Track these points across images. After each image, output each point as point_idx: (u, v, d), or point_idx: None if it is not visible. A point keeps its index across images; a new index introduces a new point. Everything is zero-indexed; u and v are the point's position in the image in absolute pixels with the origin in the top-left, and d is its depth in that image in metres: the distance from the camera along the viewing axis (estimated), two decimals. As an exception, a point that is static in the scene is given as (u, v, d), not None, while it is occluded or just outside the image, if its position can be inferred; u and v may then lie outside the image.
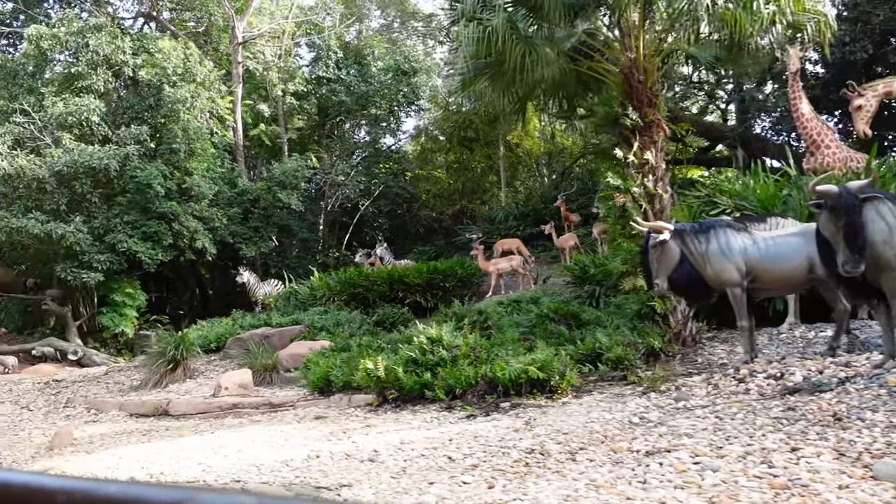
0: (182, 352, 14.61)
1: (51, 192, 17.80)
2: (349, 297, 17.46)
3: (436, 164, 27.63)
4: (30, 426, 12.65)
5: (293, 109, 25.28)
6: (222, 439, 8.05)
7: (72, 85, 19.95)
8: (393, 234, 29.52)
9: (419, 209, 29.35)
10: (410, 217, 29.70)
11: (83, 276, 17.66)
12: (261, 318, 17.82)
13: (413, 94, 25.18)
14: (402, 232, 29.46)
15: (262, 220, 22.04)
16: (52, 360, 18.41)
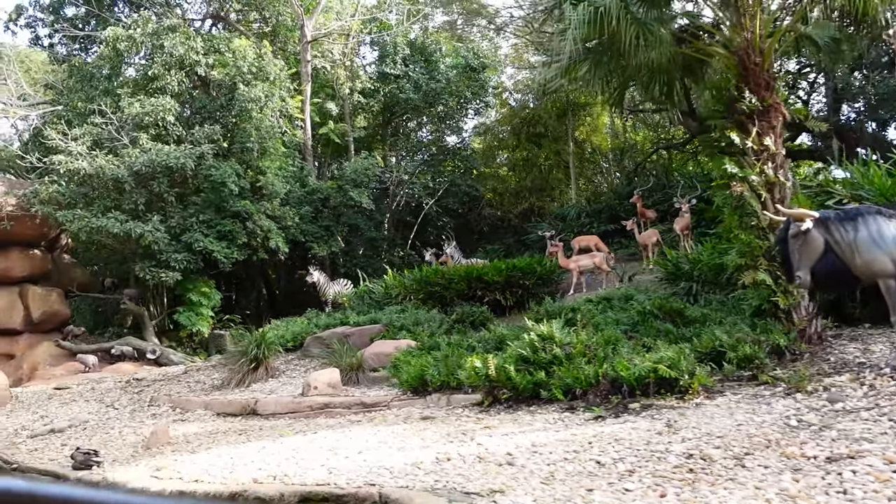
0: (263, 351, 14.45)
1: (129, 192, 17.89)
2: (426, 296, 17.13)
3: (501, 162, 27.16)
4: (118, 424, 12.60)
5: (359, 107, 25.10)
6: (330, 440, 7.74)
7: (147, 86, 20.07)
8: (457, 233, 29.16)
9: (483, 208, 28.94)
10: (474, 216, 29.32)
11: (161, 275, 17.69)
12: (336, 318, 17.61)
13: (481, 90, 24.77)
14: (465, 231, 29.06)
15: (333, 219, 21.88)
16: (130, 358, 18.51)
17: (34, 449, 11.28)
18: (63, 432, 12.52)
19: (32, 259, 19.58)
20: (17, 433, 12.98)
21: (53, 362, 18.51)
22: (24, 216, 18.46)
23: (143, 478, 6.79)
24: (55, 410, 14.44)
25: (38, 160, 18.61)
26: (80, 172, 17.51)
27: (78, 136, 18.44)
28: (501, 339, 11.90)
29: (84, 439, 11.64)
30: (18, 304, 19.17)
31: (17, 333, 19.14)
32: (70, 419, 13.26)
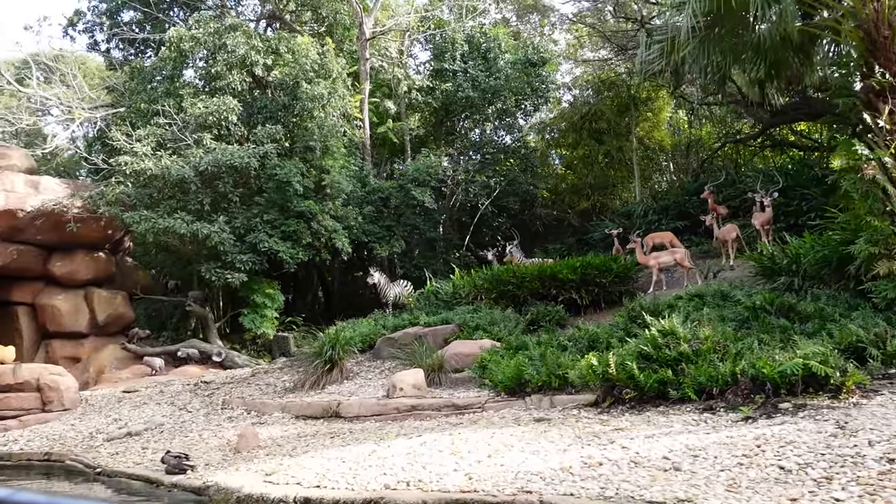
0: (339, 352, 14.04)
1: (195, 192, 17.66)
2: (498, 295, 16.58)
3: (559, 160, 26.51)
4: (196, 427, 12.27)
5: (416, 106, 24.69)
6: (442, 443, 7.21)
7: (209, 86, 19.89)
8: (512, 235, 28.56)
9: (537, 207, 28.28)
10: (529, 216, 28.69)
11: (227, 276, 17.42)
12: (404, 319, 17.15)
13: (541, 85, 24.17)
14: (521, 231, 28.45)
15: (394, 220, 21.46)
16: (195, 361, 18.27)
17: (115, 453, 10.99)
18: (140, 435, 12.25)
19: (97, 261, 19.48)
20: (93, 436, 12.74)
21: (119, 365, 18.36)
22: (90, 218, 18.36)
23: (255, 483, 6.34)
24: (128, 413, 14.21)
25: (103, 162, 18.51)
26: (146, 173, 17.32)
27: (142, 136, 18.28)
28: (594, 337, 11.31)
29: (163, 442, 11.33)
30: (84, 306, 19.07)
31: (83, 336, 19.04)
32: (145, 422, 12.98)
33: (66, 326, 18.78)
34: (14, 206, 17.57)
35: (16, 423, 14.68)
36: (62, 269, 18.96)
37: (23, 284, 19.09)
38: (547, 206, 28.32)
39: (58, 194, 18.26)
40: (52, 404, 15.11)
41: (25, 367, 15.34)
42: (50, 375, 15.34)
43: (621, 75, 24.30)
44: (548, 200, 28.27)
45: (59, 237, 18.52)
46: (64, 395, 15.25)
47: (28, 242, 18.32)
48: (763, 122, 21.67)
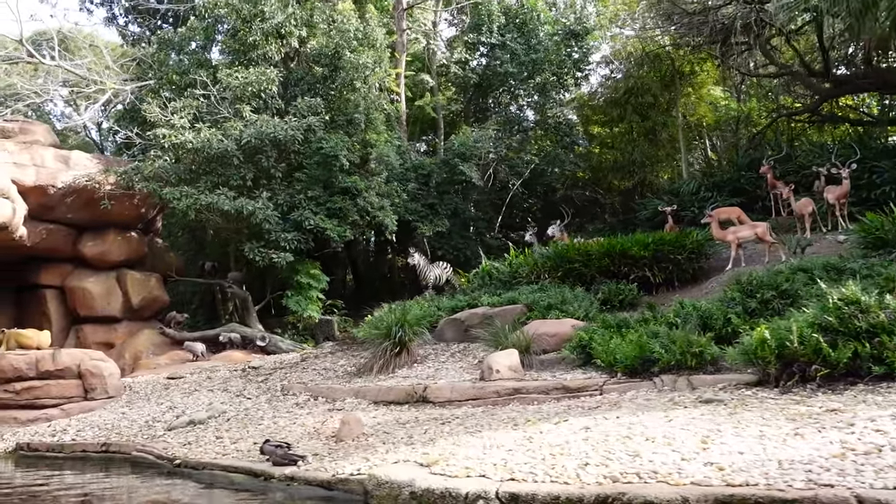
0: (408, 333, 13.07)
1: (237, 167, 16.60)
2: (564, 274, 15.64)
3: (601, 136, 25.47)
4: (266, 415, 11.29)
5: (452, 80, 23.60)
6: (604, 428, 6.26)
7: (245, 56, 18.79)
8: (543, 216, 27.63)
9: (571, 187, 27.28)
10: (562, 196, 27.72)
11: (273, 256, 16.40)
12: (461, 299, 16.17)
13: (584, 57, 23.14)
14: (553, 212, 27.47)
15: (437, 198, 20.44)
16: (237, 346, 17.29)
17: (186, 443, 10.02)
18: (204, 424, 11.28)
19: (129, 242, 18.40)
20: (149, 425, 11.77)
21: (156, 351, 17.35)
22: (123, 196, 17.27)
23: (423, 476, 5.39)
24: (180, 401, 13.23)
25: (137, 136, 17.40)
26: (185, 146, 16.24)
27: (177, 109, 17.18)
28: (706, 314, 10.35)
29: (236, 431, 10.37)
30: (116, 289, 18.01)
31: (116, 321, 17.99)
32: (206, 410, 11.98)
33: (98, 310, 17.73)
34: (45, 182, 16.47)
35: (58, 412, 13.69)
36: (93, 249, 17.88)
37: (51, 266, 18.01)
38: (581, 186, 27.33)
39: (89, 170, 17.15)
40: (95, 392, 14.12)
41: (65, 353, 14.34)
42: (92, 361, 14.34)
43: (665, 47, 23.30)
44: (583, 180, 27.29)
45: (91, 216, 17.44)
46: (107, 381, 14.27)
47: (58, 221, 17.22)
48: (821, 93, 20.74)
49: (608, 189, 26.30)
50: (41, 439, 11.93)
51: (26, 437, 12.23)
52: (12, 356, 14.17)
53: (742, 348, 7.38)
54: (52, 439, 11.86)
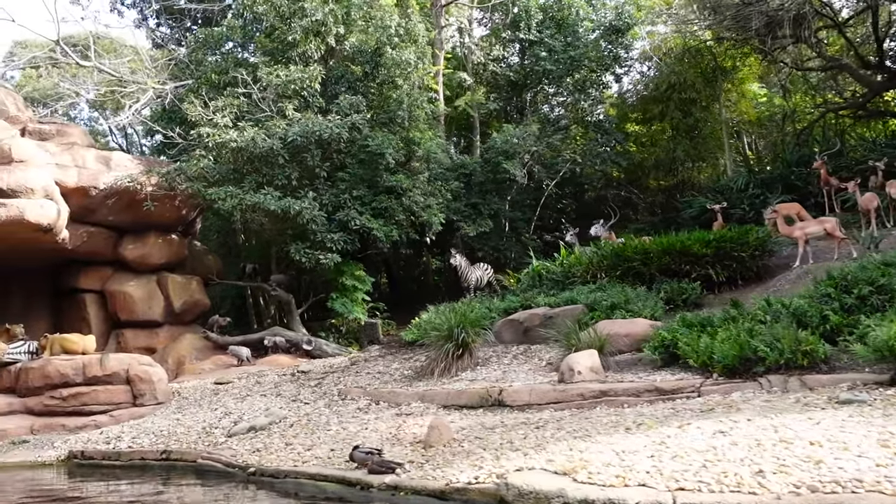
0: (470, 335, 12.59)
1: (282, 166, 16.18)
2: (622, 273, 15.14)
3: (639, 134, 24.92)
4: (331, 420, 10.83)
5: (490, 79, 23.14)
6: (747, 431, 5.76)
7: (284, 54, 18.41)
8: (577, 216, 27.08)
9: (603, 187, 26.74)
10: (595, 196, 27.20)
11: (320, 257, 15.96)
12: (513, 300, 15.71)
13: (625, 53, 22.61)
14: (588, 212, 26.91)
15: (480, 197, 19.96)
16: (283, 350, 16.84)
17: (254, 449, 9.56)
18: (267, 430, 10.83)
19: (170, 244, 18.00)
20: (207, 432, 11.33)
21: (199, 355, 16.95)
22: (164, 197, 16.89)
23: (564, 484, 4.89)
24: (235, 406, 12.79)
25: (179, 136, 17.03)
26: (229, 145, 15.84)
27: (219, 107, 16.81)
28: (799, 310, 9.80)
29: (305, 437, 9.91)
30: (158, 293, 17.61)
31: (157, 325, 17.58)
32: (265, 415, 11.53)
33: (139, 315, 17.34)
34: (87, 184, 16.10)
35: (107, 419, 13.31)
36: (134, 252, 17.50)
37: (91, 270, 17.65)
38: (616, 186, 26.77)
39: (130, 171, 16.77)
40: (144, 397, 13.73)
41: (114, 358, 13.95)
42: (140, 366, 13.95)
43: (706, 42, 22.77)
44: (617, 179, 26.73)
45: (132, 218, 17.07)
46: (156, 387, 13.87)
47: (99, 224, 16.86)
48: (873, 86, 20.15)
49: (643, 188, 25.73)
50: (95, 447, 11.52)
51: (78, 445, 11.83)
52: (58, 361, 13.81)
53: (874, 345, 6.84)
54: (107, 447, 11.44)
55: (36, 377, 13.70)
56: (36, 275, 17.83)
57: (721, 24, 21.14)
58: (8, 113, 18.27)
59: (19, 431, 13.08)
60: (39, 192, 14.29)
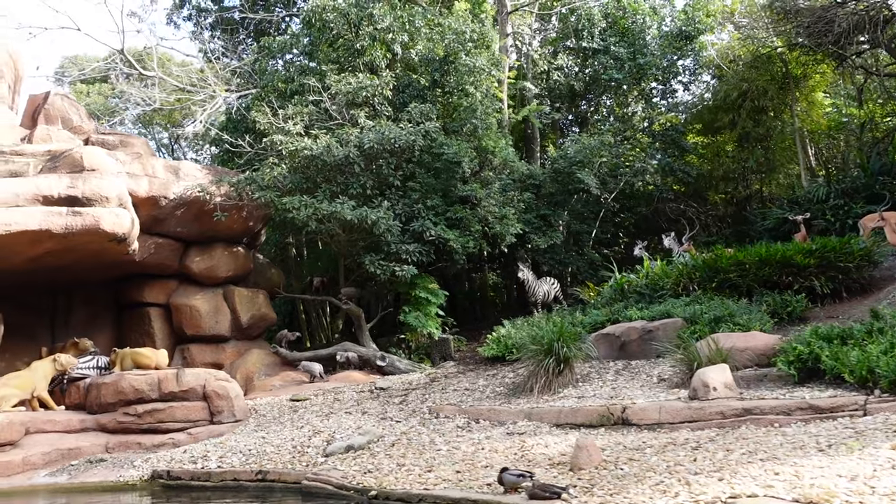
0: (571, 349, 11.88)
1: (357, 175, 15.63)
2: (718, 285, 14.38)
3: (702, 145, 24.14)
4: (434, 440, 10.13)
5: (553, 88, 22.53)
6: None
7: (350, 62, 17.96)
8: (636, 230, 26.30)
9: (659, 202, 25.90)
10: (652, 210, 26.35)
11: (396, 269, 15.35)
12: (599, 314, 15.02)
13: (695, 60, 21.92)
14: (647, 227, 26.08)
15: (550, 208, 19.28)
16: (355, 366, 16.20)
17: (366, 470, 8.88)
18: (366, 449, 10.17)
19: (236, 257, 17.46)
20: (300, 451, 10.67)
21: (268, 371, 16.36)
22: (232, 207, 16.38)
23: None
24: (321, 424, 12.13)
25: (249, 145, 16.58)
26: (304, 153, 15.33)
27: (289, 115, 16.35)
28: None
29: (413, 456, 9.25)
30: (224, 307, 17.05)
31: (224, 340, 17.00)
32: (359, 434, 10.85)
33: (205, 329, 16.79)
34: (158, 193, 15.63)
35: (185, 437, 12.67)
36: (201, 265, 16.98)
37: (155, 283, 17.14)
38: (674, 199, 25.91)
39: (199, 180, 16.29)
40: (222, 415, 13.10)
41: (190, 373, 13.35)
42: (217, 381, 13.34)
43: (777, 48, 22.03)
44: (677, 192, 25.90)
45: (200, 229, 16.59)
46: (234, 403, 13.25)
47: (166, 235, 16.37)
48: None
49: (701, 201, 24.83)
50: (182, 466, 10.88)
51: (162, 464, 11.20)
52: (132, 376, 13.24)
53: None
54: (194, 466, 10.80)
55: (109, 393, 13.13)
56: (98, 288, 17.39)
57: (796, 30, 20.45)
58: (72, 123, 18.02)
59: (94, 450, 12.47)
60: (114, 201, 13.82)
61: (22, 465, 11.57)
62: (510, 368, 14.17)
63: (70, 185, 13.42)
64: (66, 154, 14.54)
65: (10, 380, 13.21)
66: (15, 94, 18.37)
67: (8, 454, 11.67)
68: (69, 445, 12.34)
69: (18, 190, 13.00)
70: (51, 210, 13.15)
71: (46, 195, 13.20)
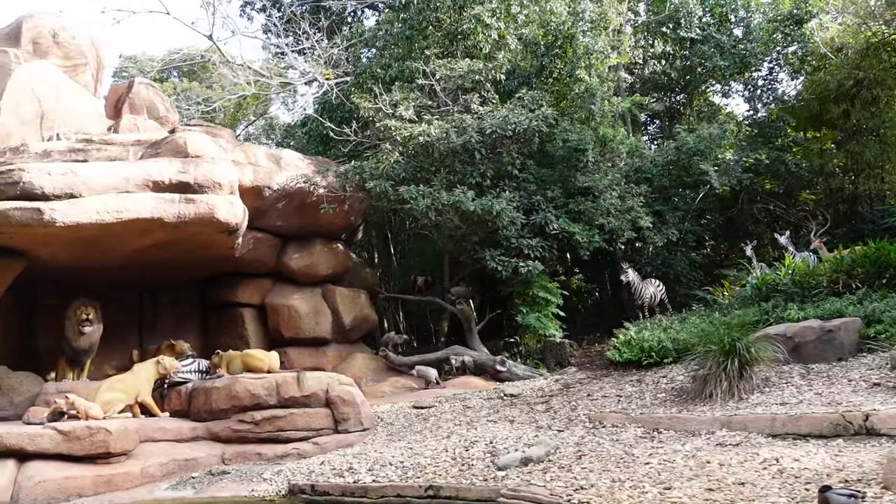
0: (754, 351, 10.52)
1: (476, 163, 14.40)
2: (888, 280, 12.98)
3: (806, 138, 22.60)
4: (624, 451, 8.80)
5: (651, 77, 21.21)
6: None
7: (450, 48, 16.81)
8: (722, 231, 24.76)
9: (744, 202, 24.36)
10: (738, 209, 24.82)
11: (520, 266, 14.07)
12: (743, 315, 13.61)
13: (804, 46, 20.50)
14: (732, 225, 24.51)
15: (663, 203, 17.93)
16: (471, 371, 14.91)
17: (575, 487, 7.61)
18: (549, 462, 8.90)
19: (335, 254, 16.24)
20: (465, 463, 9.35)
21: (375, 377, 15.10)
22: (335, 199, 15.18)
23: None
24: (470, 434, 10.84)
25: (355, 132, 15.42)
26: (419, 140, 14.14)
27: (395, 101, 15.19)
28: None
29: (619, 472, 7.94)
30: (324, 307, 15.81)
31: (324, 343, 15.74)
32: (535, 445, 9.51)
33: (305, 331, 15.56)
34: (261, 183, 14.47)
35: (310, 447, 11.40)
36: (299, 262, 15.78)
37: (249, 282, 15.96)
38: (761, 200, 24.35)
39: (301, 170, 15.12)
40: (348, 423, 11.84)
41: (311, 376, 12.12)
42: (341, 386, 12.10)
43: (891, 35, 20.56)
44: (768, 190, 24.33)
45: (300, 223, 15.43)
46: (360, 410, 12.01)
47: (265, 229, 15.18)
48: None
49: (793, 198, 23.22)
50: (328, 480, 9.60)
51: (299, 477, 9.92)
52: (247, 380, 12.02)
53: None
54: (342, 480, 9.52)
55: (221, 398, 11.91)
56: (184, 288, 16.29)
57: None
58: (158, 112, 17.05)
59: (210, 461, 11.24)
60: (226, 188, 12.66)
61: (141, 478, 10.36)
62: (656, 373, 12.87)
63: (181, 169, 12.27)
64: (169, 140, 13.43)
65: (115, 383, 12.02)
66: (97, 83, 17.39)
67: (125, 465, 10.46)
68: (185, 456, 11.12)
69: (129, 174, 11.87)
70: (162, 197, 12.01)
71: (157, 181, 12.05)
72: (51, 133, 14.59)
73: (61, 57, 16.19)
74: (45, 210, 10.88)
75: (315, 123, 17.91)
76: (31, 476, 9.67)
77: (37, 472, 9.76)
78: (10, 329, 13.70)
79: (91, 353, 13.29)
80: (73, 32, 16.61)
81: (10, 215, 10.76)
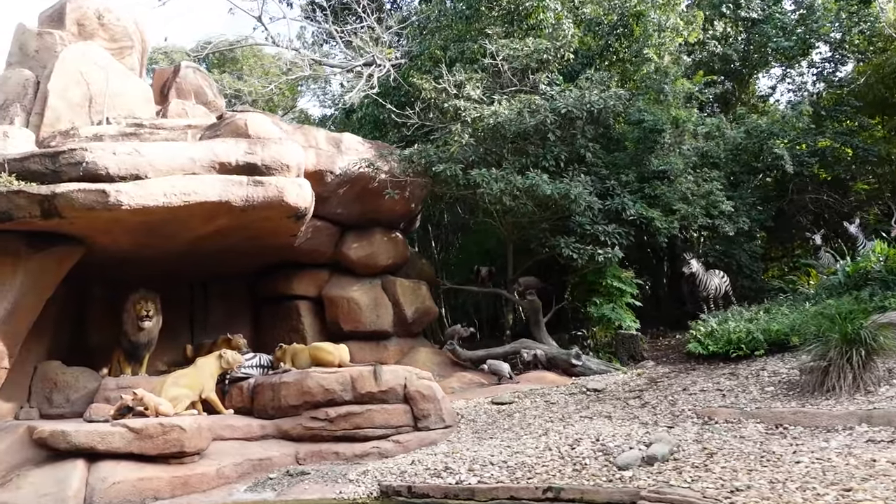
0: (882, 340, 9.69)
1: (550, 146, 13.61)
2: None
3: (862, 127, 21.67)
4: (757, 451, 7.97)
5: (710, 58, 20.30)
6: None
7: (510, 28, 16.02)
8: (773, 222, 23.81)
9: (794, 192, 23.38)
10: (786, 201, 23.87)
11: (598, 253, 13.27)
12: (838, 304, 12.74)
13: (872, 26, 19.61)
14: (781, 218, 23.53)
15: (730, 189, 17.07)
16: (542, 366, 14.11)
17: (730, 488, 6.80)
18: (677, 461, 8.07)
19: (395, 244, 15.46)
20: (577, 462, 8.54)
21: (441, 372, 14.28)
22: (397, 185, 14.39)
23: None
24: (568, 431, 10.06)
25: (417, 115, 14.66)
26: (489, 121, 13.35)
27: (459, 82, 14.40)
28: None
29: (771, 472, 7.08)
30: (384, 299, 15.02)
31: (385, 337, 14.96)
32: (655, 443, 8.70)
33: (365, 324, 14.77)
34: (324, 167, 13.70)
35: (392, 446, 10.62)
36: (359, 251, 15.01)
37: (305, 273, 15.19)
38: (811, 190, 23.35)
39: (361, 154, 14.35)
40: (429, 419, 11.05)
41: (388, 370, 11.33)
42: (420, 381, 11.32)
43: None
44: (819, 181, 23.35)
45: (360, 211, 14.67)
46: (441, 406, 11.23)
47: (325, 217, 14.36)
48: None
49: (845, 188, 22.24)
50: (425, 480, 8.83)
51: (390, 478, 9.16)
52: (319, 375, 11.24)
53: None
54: (440, 480, 8.76)
55: (291, 394, 11.14)
56: (234, 281, 15.53)
57: None
58: (206, 97, 16.34)
59: (285, 460, 10.49)
60: (294, 171, 11.89)
61: (217, 479, 9.61)
62: (749, 366, 12.11)
63: (248, 150, 11.50)
64: (228, 121, 12.73)
65: (180, 378, 11.28)
66: (142, 66, 16.67)
67: (200, 465, 9.71)
68: (258, 455, 10.36)
69: (195, 155, 11.09)
70: (230, 179, 11.21)
71: (223, 162, 11.27)
72: (100, 117, 13.89)
73: (107, 39, 15.48)
74: (110, 192, 10.12)
75: (370, 108, 17.15)
76: (104, 477, 8.93)
77: (109, 472, 9.02)
78: (62, 324, 12.97)
79: (150, 348, 12.56)
80: (118, 14, 15.90)
81: (73, 198, 9.99)
